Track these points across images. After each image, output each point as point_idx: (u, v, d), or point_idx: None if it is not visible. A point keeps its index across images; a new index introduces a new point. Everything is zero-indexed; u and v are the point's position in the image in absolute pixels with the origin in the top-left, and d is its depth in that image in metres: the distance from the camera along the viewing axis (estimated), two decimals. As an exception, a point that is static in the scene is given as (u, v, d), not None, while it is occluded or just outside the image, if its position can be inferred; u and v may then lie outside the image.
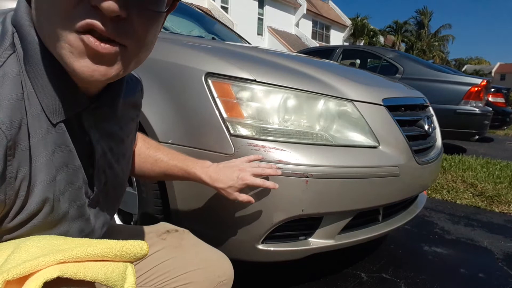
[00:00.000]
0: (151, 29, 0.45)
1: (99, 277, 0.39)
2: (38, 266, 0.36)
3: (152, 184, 1.11)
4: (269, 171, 0.89)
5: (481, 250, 1.76)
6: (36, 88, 0.44)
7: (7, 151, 0.40)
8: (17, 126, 0.41)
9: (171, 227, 0.78)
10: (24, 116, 0.42)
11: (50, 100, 0.45)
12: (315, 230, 1.08)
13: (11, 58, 0.42)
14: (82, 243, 0.41)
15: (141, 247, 0.43)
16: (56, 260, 0.37)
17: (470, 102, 4.01)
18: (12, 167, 0.41)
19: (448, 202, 2.52)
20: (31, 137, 0.43)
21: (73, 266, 0.37)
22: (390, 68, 4.40)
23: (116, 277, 0.41)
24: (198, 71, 1.04)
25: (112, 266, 0.41)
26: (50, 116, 0.45)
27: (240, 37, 2.61)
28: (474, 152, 4.53)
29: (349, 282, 1.38)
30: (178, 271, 0.67)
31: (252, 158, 0.91)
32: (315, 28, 25.66)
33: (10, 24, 0.45)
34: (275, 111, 1.03)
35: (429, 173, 1.37)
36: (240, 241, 1.02)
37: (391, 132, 1.19)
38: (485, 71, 45.84)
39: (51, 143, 0.46)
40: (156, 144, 0.84)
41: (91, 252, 0.39)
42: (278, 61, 1.29)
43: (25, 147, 0.42)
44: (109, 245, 0.41)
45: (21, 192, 0.43)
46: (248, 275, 1.31)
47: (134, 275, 0.43)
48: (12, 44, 0.43)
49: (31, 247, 0.39)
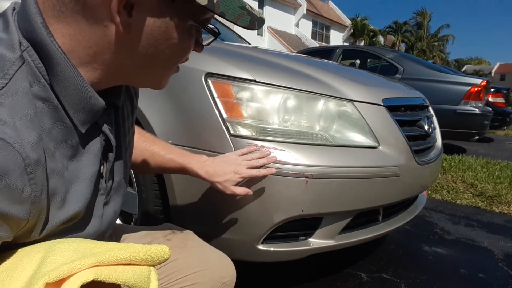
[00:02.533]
0: None
1: (128, 280, 0.40)
2: (75, 269, 0.37)
3: (152, 184, 1.11)
4: (263, 161, 0.92)
5: (481, 250, 1.76)
6: (67, 104, 0.44)
7: (26, 169, 0.39)
8: (32, 143, 0.40)
9: (176, 228, 0.79)
10: (39, 132, 0.41)
11: (82, 112, 0.46)
12: (315, 230, 1.08)
13: (19, 73, 0.41)
14: (112, 247, 0.42)
15: (164, 251, 0.45)
16: (90, 264, 0.38)
17: (470, 102, 4.01)
18: (37, 186, 0.40)
19: (448, 202, 2.52)
20: (47, 152, 0.43)
21: (105, 269, 0.39)
22: (390, 68, 4.40)
23: (142, 280, 0.42)
24: (198, 71, 1.04)
25: (139, 270, 0.42)
26: (80, 127, 0.46)
27: (240, 37, 2.61)
28: (474, 152, 4.53)
29: (349, 282, 1.38)
30: (183, 272, 0.67)
31: (245, 151, 0.93)
32: (315, 28, 25.67)
33: (16, 33, 0.42)
34: (275, 111, 1.03)
35: (429, 173, 1.37)
36: (240, 241, 1.02)
37: (391, 132, 1.19)
38: (485, 71, 45.81)
39: (66, 155, 0.46)
40: (152, 137, 0.84)
41: (121, 255, 0.41)
42: (278, 61, 1.29)
43: (44, 164, 0.42)
44: (136, 249, 0.42)
45: (47, 208, 0.43)
46: (248, 275, 1.31)
47: (157, 279, 0.44)
48: (21, 58, 0.42)
49: (65, 250, 0.40)
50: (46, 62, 0.43)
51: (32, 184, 0.40)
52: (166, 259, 0.45)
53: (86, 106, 0.46)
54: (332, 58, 4.90)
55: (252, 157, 0.91)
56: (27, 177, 0.39)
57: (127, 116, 0.62)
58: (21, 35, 0.43)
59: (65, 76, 0.44)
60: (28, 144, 0.39)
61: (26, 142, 0.39)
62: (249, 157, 0.91)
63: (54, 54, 0.43)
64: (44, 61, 0.43)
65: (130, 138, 0.65)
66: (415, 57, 5.17)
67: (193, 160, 0.84)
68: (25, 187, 0.39)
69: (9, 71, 0.40)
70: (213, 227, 1.05)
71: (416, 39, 35.10)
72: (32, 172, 0.40)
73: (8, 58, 0.41)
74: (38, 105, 0.42)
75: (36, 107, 0.42)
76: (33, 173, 0.40)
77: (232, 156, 0.90)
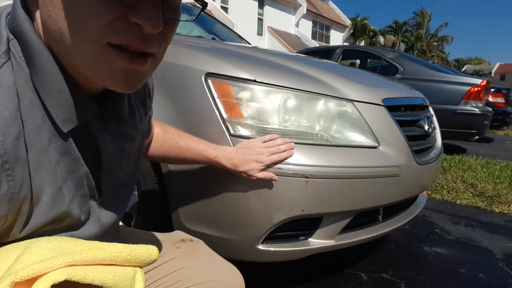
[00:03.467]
0: (173, 35, 0.47)
1: (107, 281, 0.38)
2: (46, 268, 0.35)
3: (152, 184, 1.11)
4: (284, 147, 0.96)
5: (481, 250, 1.76)
6: (45, 98, 0.43)
7: (3, 165, 0.38)
8: (12, 139, 0.39)
9: (186, 236, 0.77)
10: (20, 128, 0.40)
11: (61, 108, 0.44)
12: (315, 230, 1.08)
13: (4, 67, 0.40)
14: (92, 246, 0.40)
15: (150, 252, 0.42)
16: (64, 263, 0.36)
17: (470, 102, 4.01)
18: (15, 182, 0.40)
19: (448, 202, 2.52)
20: (30, 149, 0.42)
21: (81, 269, 0.37)
22: (390, 68, 4.40)
23: (125, 281, 0.40)
24: (198, 71, 1.04)
25: (121, 271, 0.40)
26: (61, 124, 0.44)
27: (240, 37, 2.61)
28: (474, 152, 4.53)
29: (349, 282, 1.38)
30: (189, 281, 0.66)
31: (268, 138, 0.96)
32: (315, 28, 25.67)
33: (5, 29, 0.42)
34: (275, 111, 1.03)
35: (429, 173, 1.37)
36: (240, 241, 1.02)
37: (391, 132, 1.19)
38: (485, 71, 45.81)
39: (54, 153, 0.45)
40: (177, 132, 0.88)
41: (100, 255, 0.39)
42: (278, 61, 1.29)
43: (25, 160, 0.41)
44: (118, 249, 0.40)
45: (24, 206, 0.42)
46: (248, 275, 1.31)
47: (143, 281, 0.42)
48: (7, 52, 0.41)
49: (41, 248, 0.39)
50: (26, 52, 0.42)
51: (9, 180, 0.39)
52: (153, 260, 0.43)
53: (66, 101, 0.44)
54: (332, 58, 4.90)
55: (273, 144, 0.95)
56: (4, 173, 0.38)
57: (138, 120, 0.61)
58: (9, 31, 0.42)
59: (43, 66, 0.42)
60: (8, 140, 0.39)
61: (6, 138, 0.38)
62: (271, 144, 0.95)
63: (30, 42, 0.42)
64: (25, 52, 0.42)
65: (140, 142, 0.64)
66: (415, 57, 5.17)
67: (219, 153, 0.90)
68: (1, 184, 0.38)
69: None
70: (213, 227, 1.05)
71: (416, 39, 35.11)
72: (10, 169, 0.39)
73: None
74: (24, 99, 0.41)
75: (20, 101, 0.41)
76: (11, 169, 0.39)
77: (254, 143, 0.94)
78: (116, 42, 0.40)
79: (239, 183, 0.97)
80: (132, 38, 0.40)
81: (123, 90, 0.44)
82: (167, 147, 0.85)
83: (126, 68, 0.42)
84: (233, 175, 0.93)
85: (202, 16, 2.49)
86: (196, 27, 2.17)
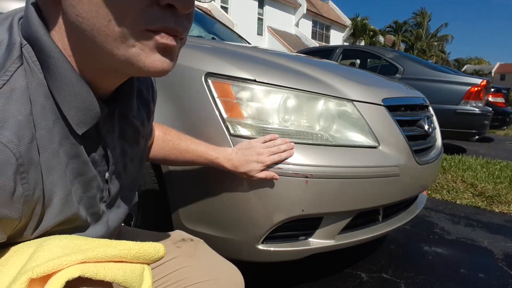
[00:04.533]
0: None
1: (118, 278, 0.39)
2: (61, 265, 0.37)
3: (152, 184, 1.11)
4: (284, 147, 0.96)
5: (481, 250, 1.76)
6: (60, 101, 0.43)
7: (19, 168, 0.39)
8: (27, 142, 0.40)
9: (187, 235, 0.78)
10: (33, 131, 0.41)
11: (76, 110, 0.45)
12: (315, 230, 1.08)
13: (18, 72, 0.41)
14: (102, 243, 0.42)
15: (158, 249, 0.44)
16: (77, 260, 0.37)
17: (470, 102, 4.02)
18: (29, 185, 0.40)
19: (448, 202, 2.52)
20: (42, 152, 0.42)
21: (93, 266, 0.38)
22: (390, 68, 4.40)
23: (134, 278, 0.41)
24: (198, 71, 1.04)
25: (130, 267, 0.41)
26: (75, 126, 0.45)
27: (240, 37, 2.61)
28: (474, 152, 4.53)
29: (349, 282, 1.38)
30: (190, 280, 0.67)
31: (268, 138, 0.96)
32: (315, 28, 25.67)
33: (18, 34, 0.43)
34: (275, 111, 1.03)
35: (429, 173, 1.37)
36: (240, 241, 1.02)
37: (391, 132, 1.19)
38: (485, 71, 45.83)
39: (64, 156, 0.45)
40: (177, 134, 0.88)
41: (110, 252, 0.40)
42: (278, 61, 1.28)
43: (38, 163, 0.42)
44: (128, 246, 0.42)
45: (37, 209, 0.42)
46: (248, 275, 1.31)
47: (151, 277, 0.44)
48: (20, 57, 0.42)
49: (54, 246, 0.40)
50: (41, 57, 0.43)
51: (24, 183, 0.40)
52: (160, 257, 0.45)
53: (81, 103, 0.45)
54: (332, 58, 4.90)
55: (274, 144, 0.95)
56: (19, 176, 0.39)
57: (141, 123, 0.62)
58: (22, 36, 0.43)
59: (58, 70, 0.43)
60: (23, 143, 0.39)
61: (21, 141, 0.39)
62: (271, 144, 0.95)
63: (46, 47, 0.42)
64: (39, 56, 0.43)
65: (143, 144, 0.65)
66: (415, 57, 5.17)
67: (219, 155, 0.91)
68: (17, 187, 0.39)
69: (10, 67, 0.41)
70: (213, 227, 1.05)
71: (416, 39, 35.11)
72: (24, 172, 0.40)
73: (9, 57, 0.41)
74: (36, 103, 0.42)
75: (33, 105, 0.41)
76: (25, 172, 0.40)
77: (254, 144, 0.94)
78: (154, 28, 0.41)
79: (239, 183, 0.97)
80: (167, 21, 0.41)
81: (160, 67, 0.44)
82: (168, 149, 0.86)
83: (164, 45, 0.43)
84: (233, 175, 0.93)
85: (202, 16, 2.49)
86: (196, 27, 2.17)
